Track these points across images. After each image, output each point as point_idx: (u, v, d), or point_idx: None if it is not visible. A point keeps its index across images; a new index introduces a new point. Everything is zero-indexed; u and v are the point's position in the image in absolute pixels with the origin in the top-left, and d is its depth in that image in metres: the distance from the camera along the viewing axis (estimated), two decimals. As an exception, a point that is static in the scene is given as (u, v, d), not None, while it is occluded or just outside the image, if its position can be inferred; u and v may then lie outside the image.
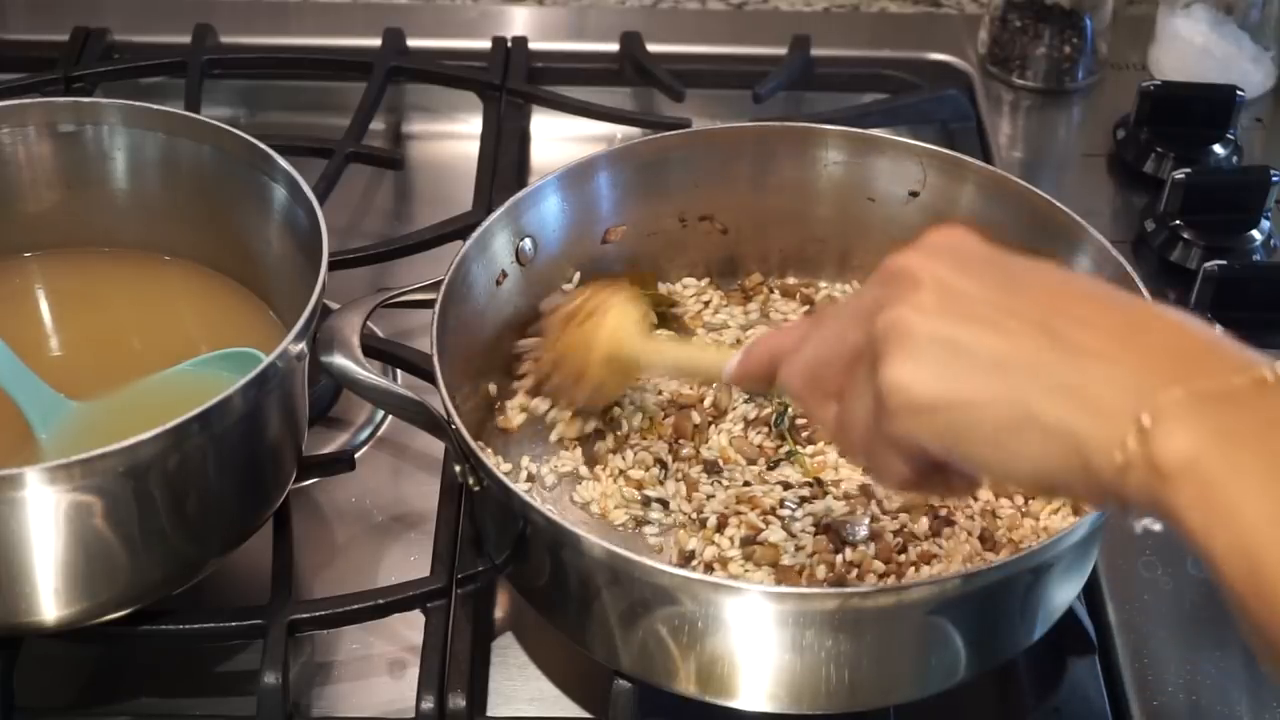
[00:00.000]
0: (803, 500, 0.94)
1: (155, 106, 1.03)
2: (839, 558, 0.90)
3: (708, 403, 1.00)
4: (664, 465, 0.97)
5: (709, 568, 0.91)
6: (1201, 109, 1.27)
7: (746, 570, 0.90)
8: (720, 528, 0.93)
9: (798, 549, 0.91)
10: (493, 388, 1.01)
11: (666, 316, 1.05)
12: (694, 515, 0.94)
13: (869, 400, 0.71)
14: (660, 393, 1.01)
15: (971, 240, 0.73)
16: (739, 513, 0.93)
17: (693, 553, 0.92)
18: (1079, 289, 0.70)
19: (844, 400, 0.74)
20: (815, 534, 0.91)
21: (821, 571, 0.90)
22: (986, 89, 1.36)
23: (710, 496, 0.95)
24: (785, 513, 0.93)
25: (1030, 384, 0.66)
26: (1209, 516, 0.61)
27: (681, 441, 0.98)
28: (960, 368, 0.68)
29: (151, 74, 1.32)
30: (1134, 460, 0.63)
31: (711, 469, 0.96)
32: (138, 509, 0.85)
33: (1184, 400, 0.63)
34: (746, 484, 0.95)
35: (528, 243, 1.02)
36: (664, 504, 0.95)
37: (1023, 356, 0.67)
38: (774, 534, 0.91)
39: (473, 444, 0.88)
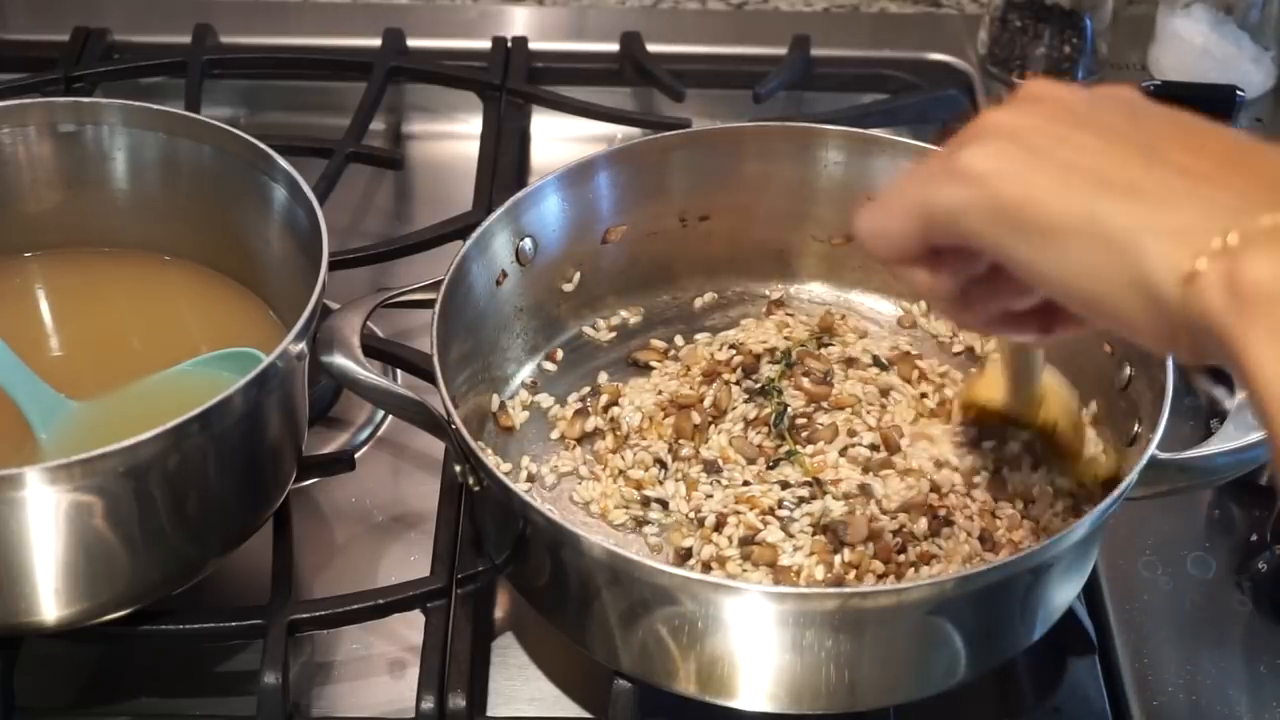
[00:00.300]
0: (801, 500, 0.93)
1: (155, 106, 1.03)
2: (837, 558, 0.90)
3: (707, 402, 1.00)
4: (663, 465, 0.97)
5: (706, 567, 0.91)
6: (1201, 109, 1.26)
7: (744, 570, 0.90)
8: (718, 527, 0.93)
9: (795, 549, 0.91)
10: (493, 388, 1.01)
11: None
12: (692, 515, 0.94)
13: (923, 172, 0.68)
14: (660, 392, 1.01)
15: (1122, 88, 0.69)
16: (737, 512, 0.93)
17: (689, 551, 0.92)
18: (1199, 125, 0.65)
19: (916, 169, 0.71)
20: (813, 534, 0.91)
21: (820, 572, 0.89)
22: (986, 89, 1.36)
23: (709, 496, 0.94)
24: (784, 513, 0.93)
25: (1106, 192, 0.62)
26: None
27: (681, 441, 0.98)
28: (1044, 161, 0.64)
29: (151, 74, 1.32)
30: (1208, 279, 0.58)
31: (711, 468, 0.96)
32: (138, 509, 0.85)
33: (1270, 211, 0.58)
34: (746, 483, 0.95)
35: (528, 243, 1.02)
36: (663, 504, 0.95)
37: (1110, 169, 0.63)
38: (772, 534, 0.91)
39: (473, 444, 0.88)
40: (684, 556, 0.92)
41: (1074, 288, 0.63)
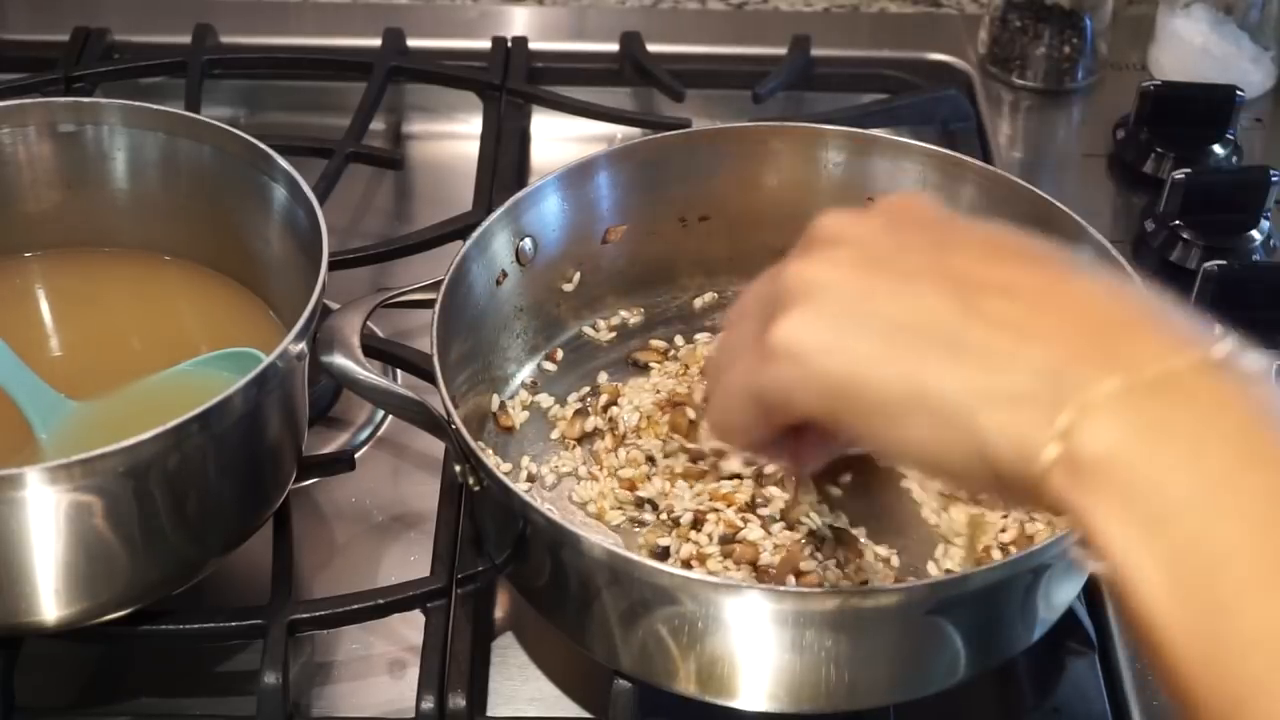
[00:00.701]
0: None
1: (155, 106, 1.03)
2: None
3: (700, 398, 0.99)
4: (654, 462, 0.97)
5: (686, 565, 0.91)
6: (1201, 109, 1.27)
7: (725, 568, 0.90)
8: (696, 525, 0.92)
9: (775, 547, 0.91)
10: (493, 388, 1.01)
11: None
12: (666, 515, 0.94)
13: (749, 354, 0.67)
14: (659, 392, 1.01)
15: (919, 205, 0.68)
16: (715, 510, 0.93)
17: (666, 550, 0.92)
18: (1009, 251, 0.63)
19: (728, 339, 0.70)
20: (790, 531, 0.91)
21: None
22: (986, 89, 1.36)
23: (685, 493, 0.94)
24: (765, 512, 0.93)
25: (929, 356, 0.60)
26: (1132, 526, 0.53)
27: (674, 437, 0.98)
28: (859, 326, 0.62)
29: (151, 74, 1.32)
30: (1044, 455, 0.56)
31: (696, 458, 0.96)
32: (138, 509, 0.85)
33: (1108, 394, 0.55)
34: (735, 476, 0.94)
35: (528, 242, 1.02)
36: (654, 505, 0.95)
37: (927, 324, 0.61)
38: (752, 532, 0.91)
39: (473, 444, 0.88)
40: (660, 555, 0.92)
41: (917, 458, 0.62)
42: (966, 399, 0.59)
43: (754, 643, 0.83)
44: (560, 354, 1.05)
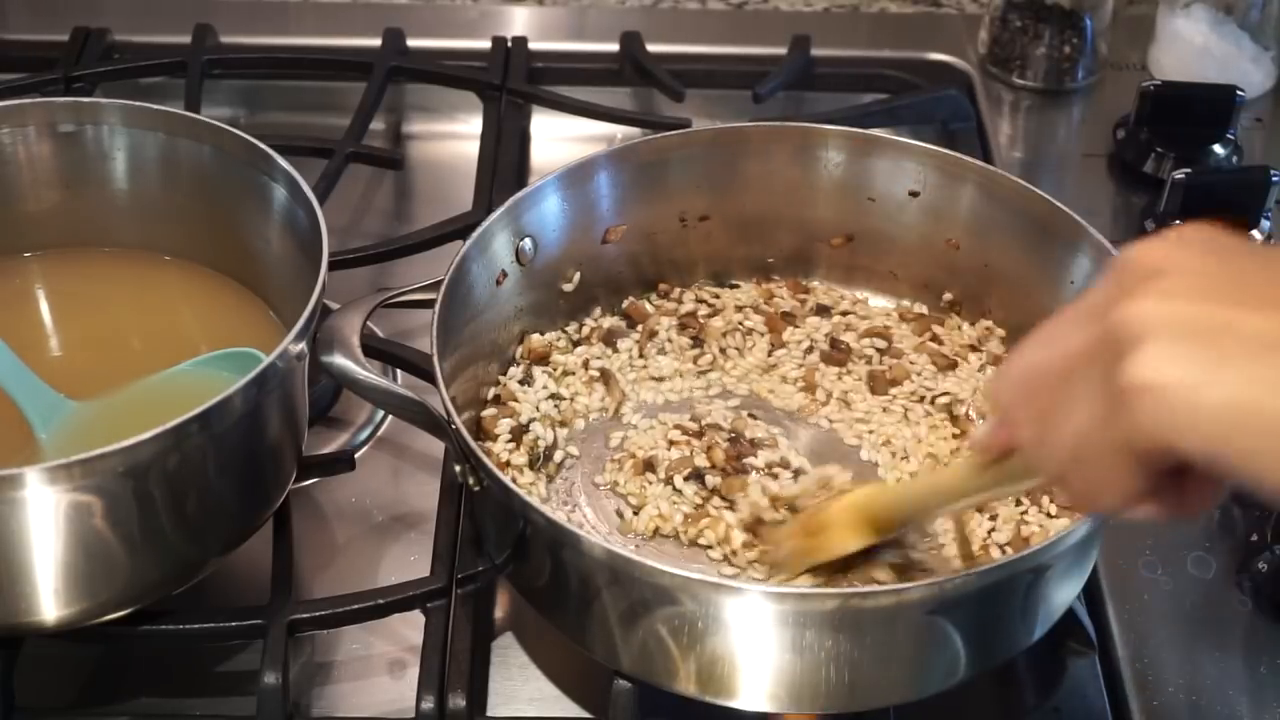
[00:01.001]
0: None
1: (155, 106, 1.03)
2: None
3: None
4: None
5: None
6: (1201, 109, 1.27)
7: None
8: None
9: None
10: (492, 388, 1.01)
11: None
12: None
13: (1099, 402, 0.61)
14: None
15: (1213, 231, 0.63)
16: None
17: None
18: None
19: (1057, 404, 0.64)
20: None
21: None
22: (986, 89, 1.36)
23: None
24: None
25: None
26: None
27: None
28: (1230, 358, 0.57)
29: (151, 74, 1.33)
30: None
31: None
32: (138, 509, 0.85)
33: None
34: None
35: (528, 242, 1.02)
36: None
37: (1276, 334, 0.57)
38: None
39: (473, 444, 0.88)
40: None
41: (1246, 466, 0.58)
42: None
43: (754, 643, 0.83)
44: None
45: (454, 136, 1.36)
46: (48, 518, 0.82)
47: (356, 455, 1.05)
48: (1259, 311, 0.58)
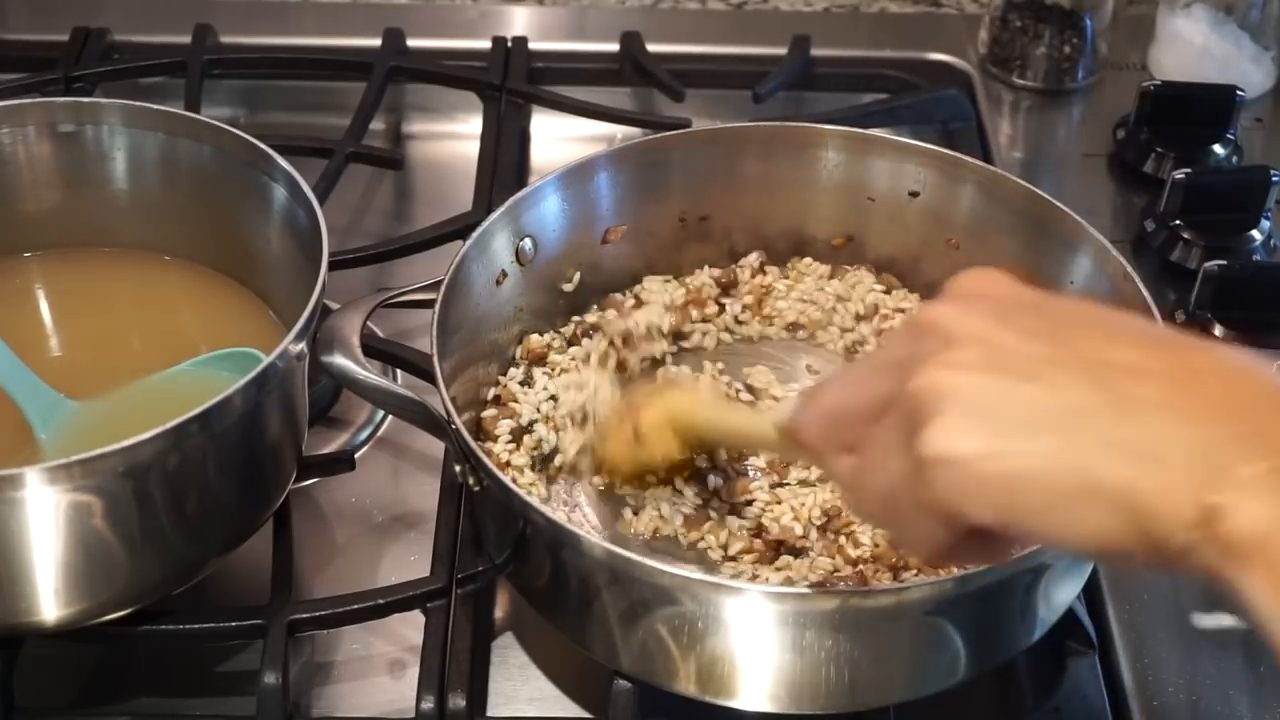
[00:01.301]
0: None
1: (155, 106, 1.03)
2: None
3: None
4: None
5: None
6: (1201, 109, 1.27)
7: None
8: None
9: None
10: (492, 388, 1.01)
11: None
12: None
13: (903, 465, 0.65)
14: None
15: (1004, 283, 0.69)
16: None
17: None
18: (1123, 331, 0.65)
19: (867, 458, 0.69)
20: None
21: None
22: (986, 89, 1.36)
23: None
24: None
25: (1088, 442, 0.61)
26: (1276, 594, 0.58)
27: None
28: (1011, 430, 0.62)
29: (151, 74, 1.32)
30: (1201, 531, 0.59)
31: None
32: (138, 509, 0.85)
33: (1259, 474, 0.59)
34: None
35: (528, 242, 1.02)
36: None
37: (1077, 412, 0.62)
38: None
39: (473, 444, 0.88)
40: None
41: (1084, 545, 0.63)
42: (1132, 483, 0.60)
43: (754, 643, 0.83)
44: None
45: (454, 136, 1.36)
46: (48, 518, 0.82)
47: (356, 455, 1.05)
48: (1034, 382, 0.62)
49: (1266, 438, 0.60)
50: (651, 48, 1.36)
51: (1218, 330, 1.10)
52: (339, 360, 0.91)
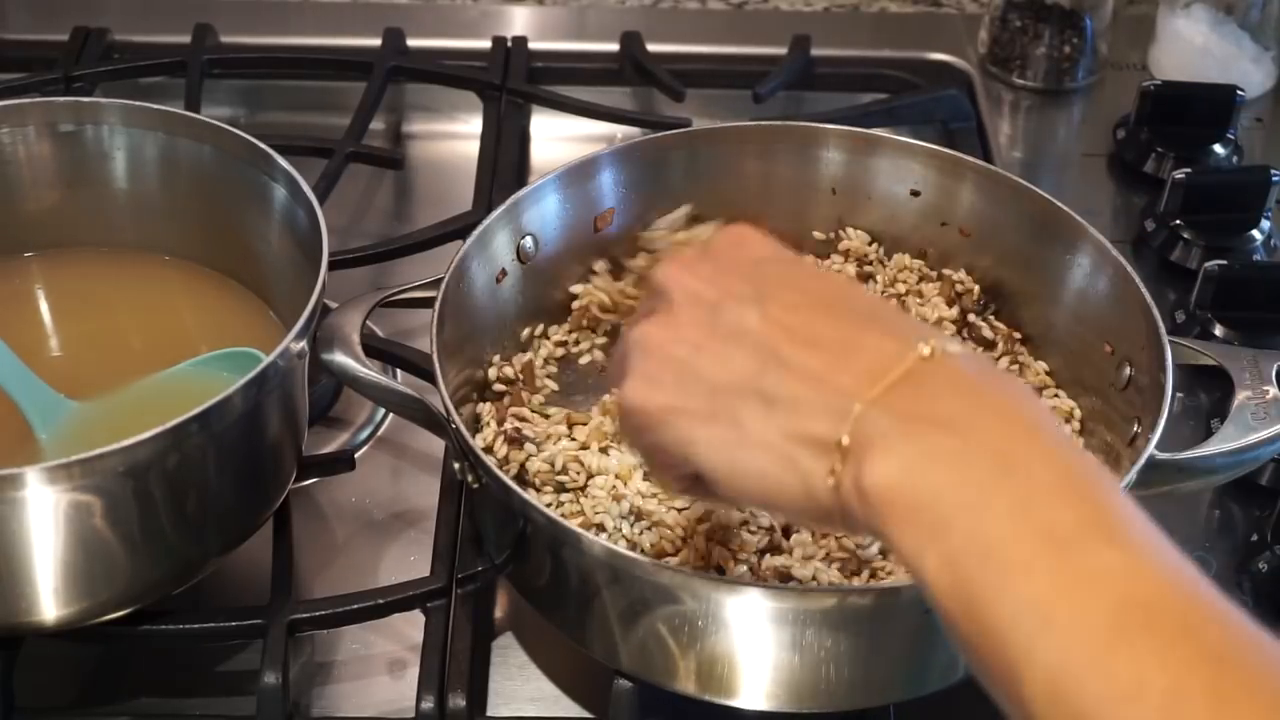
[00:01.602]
0: None
1: (155, 106, 1.03)
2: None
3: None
4: None
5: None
6: (1201, 109, 1.27)
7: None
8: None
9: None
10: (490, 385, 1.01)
11: None
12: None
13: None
14: None
15: (750, 241, 0.76)
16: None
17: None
18: (822, 298, 0.71)
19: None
20: None
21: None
22: (986, 89, 1.36)
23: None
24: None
25: (747, 408, 0.69)
26: (917, 538, 0.62)
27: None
28: (684, 387, 0.71)
29: (151, 74, 1.32)
30: (845, 488, 0.65)
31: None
32: (138, 509, 0.85)
33: (872, 407, 0.65)
34: None
35: (529, 240, 1.02)
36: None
37: (740, 382, 0.69)
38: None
39: (472, 441, 0.88)
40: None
41: (754, 496, 0.70)
42: (785, 445, 0.68)
43: (754, 641, 0.83)
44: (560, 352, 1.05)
45: (454, 136, 1.36)
46: (48, 518, 0.82)
47: (356, 455, 1.05)
48: (714, 350, 0.71)
49: (896, 402, 0.65)
50: (651, 48, 1.36)
51: (1218, 330, 1.10)
52: (339, 358, 0.91)
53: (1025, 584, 0.59)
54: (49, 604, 0.86)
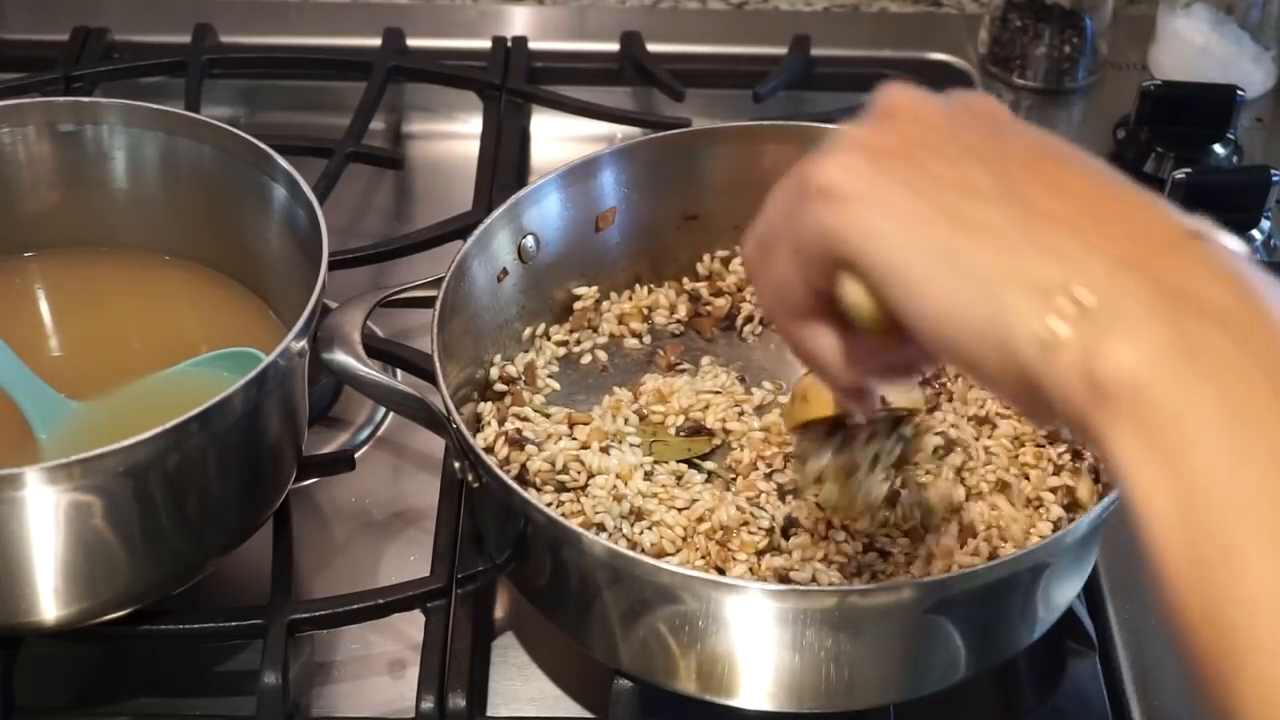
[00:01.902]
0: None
1: (155, 106, 1.03)
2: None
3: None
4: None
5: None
6: (1201, 109, 1.27)
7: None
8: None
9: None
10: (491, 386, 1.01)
11: None
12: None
13: (789, 200, 0.63)
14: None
15: (986, 101, 0.64)
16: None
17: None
18: (1070, 156, 0.60)
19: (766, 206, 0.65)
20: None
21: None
22: (987, 89, 1.36)
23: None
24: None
25: (965, 226, 0.57)
26: (1147, 453, 0.50)
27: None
28: (899, 179, 0.59)
29: (151, 74, 1.32)
30: (1065, 359, 0.53)
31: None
32: (138, 509, 0.85)
33: (1128, 269, 0.53)
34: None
35: (530, 240, 1.02)
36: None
37: (967, 194, 0.57)
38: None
39: (472, 440, 0.88)
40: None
41: (936, 324, 0.58)
42: (996, 275, 0.55)
43: (754, 641, 0.83)
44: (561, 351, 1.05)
45: (454, 136, 1.36)
46: (48, 518, 0.82)
47: (356, 455, 1.05)
48: (947, 156, 0.59)
49: (1160, 272, 0.53)
50: (651, 48, 1.36)
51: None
52: (340, 357, 0.91)
53: (1278, 564, 0.47)
54: (49, 604, 0.86)
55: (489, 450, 0.95)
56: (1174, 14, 1.35)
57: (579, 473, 0.94)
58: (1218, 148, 1.26)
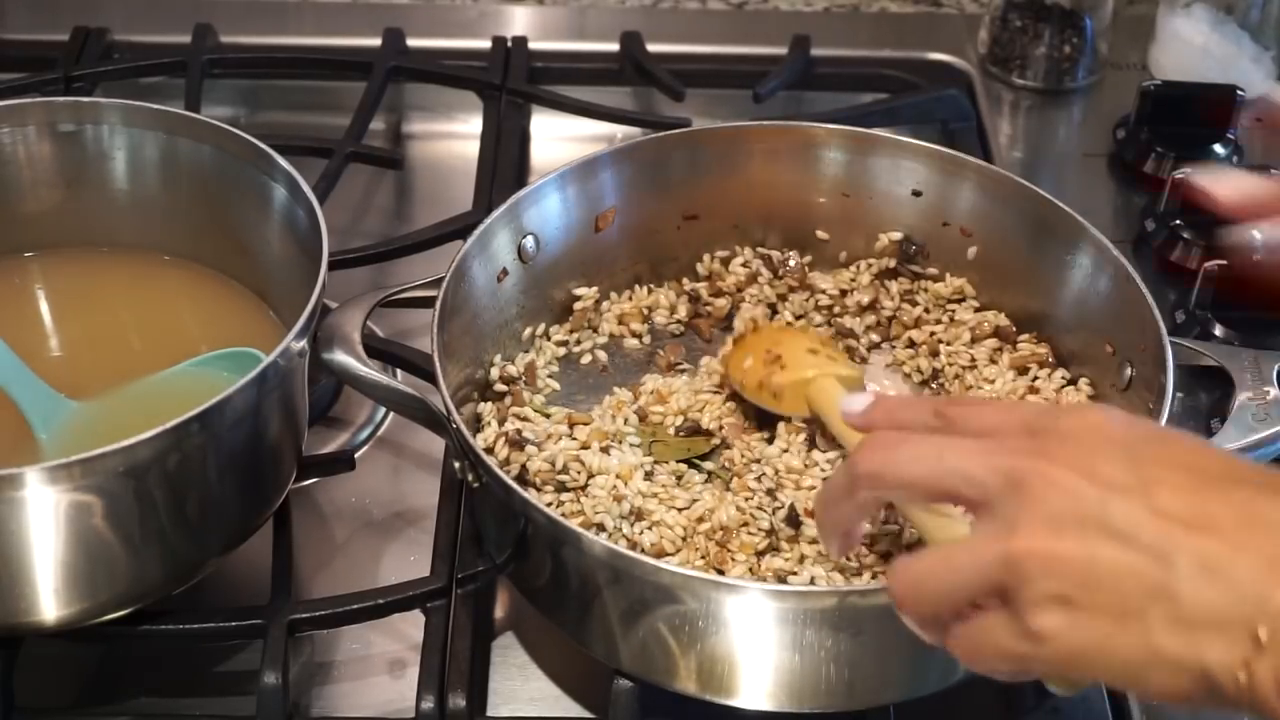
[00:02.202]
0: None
1: (155, 106, 1.03)
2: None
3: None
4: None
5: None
6: (1201, 109, 1.27)
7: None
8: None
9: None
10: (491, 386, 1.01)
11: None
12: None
13: (1013, 629, 0.69)
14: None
15: (1109, 425, 0.72)
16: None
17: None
18: (1213, 470, 0.69)
19: (973, 627, 0.71)
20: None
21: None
22: (986, 89, 1.36)
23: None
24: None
25: (1154, 619, 0.66)
26: None
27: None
28: (1096, 612, 0.67)
29: (151, 74, 1.32)
30: (1261, 678, 0.64)
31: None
32: (138, 509, 0.85)
33: None
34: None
35: (530, 240, 1.02)
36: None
37: (1144, 591, 0.66)
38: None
39: (472, 440, 0.88)
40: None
41: (1159, 698, 0.68)
42: (1192, 649, 0.65)
43: (754, 641, 0.83)
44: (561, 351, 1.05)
45: (454, 136, 1.36)
46: (48, 518, 0.82)
47: (356, 455, 1.05)
48: (1115, 548, 0.67)
49: None
50: (651, 48, 1.36)
51: (1218, 330, 1.10)
52: (340, 356, 0.91)
53: None
54: (49, 604, 0.86)
55: (489, 450, 0.95)
56: (1174, 14, 1.34)
57: (579, 473, 0.94)
58: (1218, 148, 1.26)
